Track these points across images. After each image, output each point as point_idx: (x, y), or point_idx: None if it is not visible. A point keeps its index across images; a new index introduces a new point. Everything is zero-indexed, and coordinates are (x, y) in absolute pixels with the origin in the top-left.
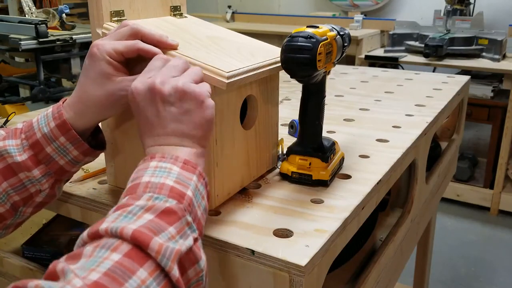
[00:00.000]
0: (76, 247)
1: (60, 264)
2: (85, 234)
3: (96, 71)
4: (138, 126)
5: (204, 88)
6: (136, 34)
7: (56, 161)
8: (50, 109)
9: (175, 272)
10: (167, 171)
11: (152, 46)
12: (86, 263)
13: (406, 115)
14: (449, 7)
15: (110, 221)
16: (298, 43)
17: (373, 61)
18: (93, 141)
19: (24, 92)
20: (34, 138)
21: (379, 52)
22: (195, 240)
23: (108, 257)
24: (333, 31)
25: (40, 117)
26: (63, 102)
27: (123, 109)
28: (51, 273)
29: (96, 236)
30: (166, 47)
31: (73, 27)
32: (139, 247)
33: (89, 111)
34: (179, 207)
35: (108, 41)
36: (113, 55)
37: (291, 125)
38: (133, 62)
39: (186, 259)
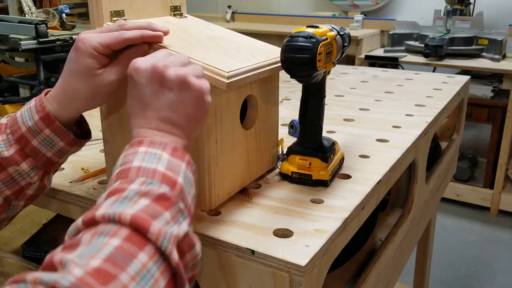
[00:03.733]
0: (69, 235)
1: (58, 254)
2: (79, 221)
3: (80, 65)
4: (129, 105)
5: (205, 85)
6: (123, 27)
7: (43, 153)
8: (32, 102)
9: (175, 255)
10: (157, 157)
11: (137, 31)
12: (85, 251)
13: (406, 115)
14: (449, 7)
15: (106, 207)
16: (298, 43)
17: (373, 61)
18: (78, 130)
19: (24, 92)
20: (19, 132)
21: (379, 52)
22: (188, 224)
23: (107, 243)
24: (333, 31)
25: (24, 111)
26: (45, 94)
27: (105, 101)
28: (49, 265)
29: (92, 223)
30: (154, 29)
31: (73, 27)
32: (139, 231)
33: (72, 103)
34: (172, 194)
35: (94, 34)
36: (99, 48)
37: (291, 125)
38: (119, 54)
39: (184, 244)
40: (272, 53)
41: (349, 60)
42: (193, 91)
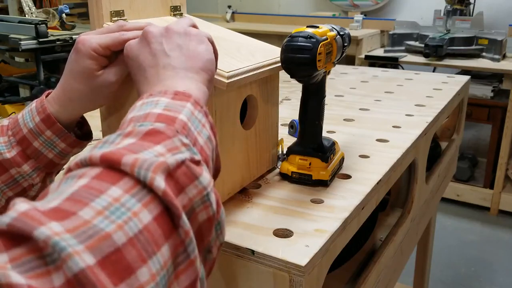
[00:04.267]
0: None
1: (18, 203)
2: (96, 154)
3: (80, 66)
4: (136, 87)
5: (202, 33)
6: (122, 28)
7: (44, 155)
8: (33, 104)
9: (159, 183)
10: (154, 103)
11: (137, 31)
12: (50, 197)
13: (406, 115)
14: (449, 7)
15: (81, 154)
16: (298, 43)
17: (373, 61)
18: (79, 132)
19: (24, 92)
20: (21, 134)
21: (379, 52)
22: (193, 160)
23: (73, 185)
24: (333, 31)
25: (25, 113)
26: (46, 96)
27: (107, 102)
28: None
29: (67, 173)
30: None
31: (73, 27)
32: (111, 167)
33: (73, 104)
34: (168, 128)
35: (93, 35)
36: (99, 50)
37: (291, 125)
38: (119, 55)
39: (180, 174)
40: (272, 53)
41: (349, 60)
42: (184, 34)
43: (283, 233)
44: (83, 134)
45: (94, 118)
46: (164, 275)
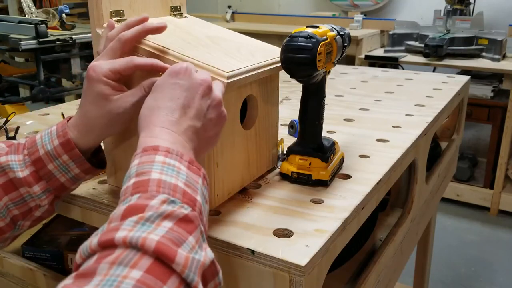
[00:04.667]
0: (81, 255)
1: (68, 285)
2: (94, 241)
3: (94, 93)
4: (155, 99)
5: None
6: (124, 44)
7: (57, 178)
8: (54, 127)
9: (200, 287)
10: (176, 170)
11: (148, 59)
12: (101, 284)
13: (406, 115)
14: (449, 7)
15: (127, 230)
16: (298, 43)
17: (373, 61)
18: (94, 159)
19: (24, 92)
20: (37, 155)
21: (379, 52)
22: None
23: (127, 275)
24: (333, 31)
25: (44, 134)
26: (67, 120)
27: (124, 127)
28: None
29: (109, 245)
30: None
31: (73, 27)
32: (163, 261)
33: (91, 132)
34: (194, 215)
35: (103, 60)
36: (110, 75)
37: (291, 125)
38: (131, 78)
39: (208, 272)
40: (272, 53)
41: (349, 60)
42: (222, 116)
43: (283, 233)
44: (97, 161)
45: None
46: None
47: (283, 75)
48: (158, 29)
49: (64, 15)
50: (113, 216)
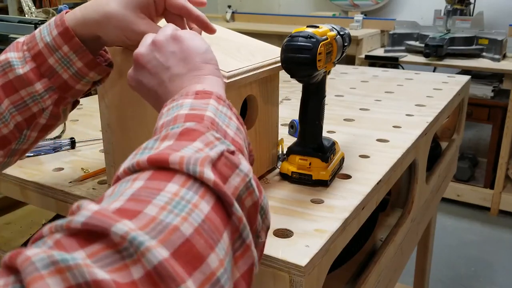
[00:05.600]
0: (126, 171)
1: (86, 204)
2: (144, 158)
3: None
4: (156, 109)
5: (188, 31)
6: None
7: (59, 74)
8: (52, 18)
9: (208, 175)
10: (179, 106)
11: (201, 13)
12: (108, 200)
13: (406, 115)
14: (449, 7)
15: (126, 162)
16: (298, 43)
17: (373, 61)
18: (104, 62)
19: None
20: (37, 49)
21: (379, 52)
22: (229, 151)
23: (130, 187)
24: (333, 31)
25: (43, 27)
26: (67, 11)
27: (124, 43)
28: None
29: (116, 181)
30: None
31: None
32: (161, 167)
33: (96, 21)
34: (200, 125)
35: None
36: None
37: (291, 125)
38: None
39: (222, 165)
40: (272, 53)
41: (349, 60)
42: (184, 34)
43: (283, 233)
44: (106, 64)
45: (94, 118)
46: (229, 260)
47: (283, 75)
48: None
49: None
50: (167, 133)
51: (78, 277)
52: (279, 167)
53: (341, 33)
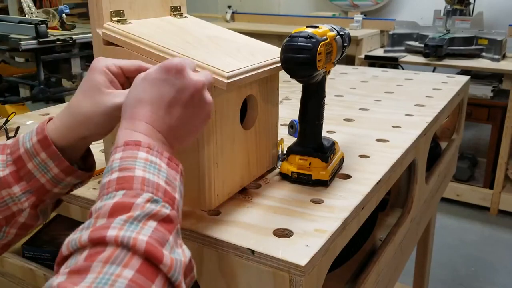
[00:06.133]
0: (69, 248)
1: (63, 283)
2: (84, 237)
3: (90, 82)
4: (143, 91)
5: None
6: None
7: (37, 178)
8: (36, 125)
9: (183, 285)
10: (157, 168)
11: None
12: (95, 282)
13: (406, 115)
14: (449, 7)
15: (117, 228)
16: (298, 43)
17: (373, 61)
18: (83, 165)
19: (24, 92)
20: (17, 154)
21: (379, 52)
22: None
23: (120, 274)
24: (333, 31)
25: (26, 133)
26: (49, 119)
27: (110, 128)
28: None
29: (100, 243)
30: None
31: (73, 27)
32: (151, 261)
33: (75, 124)
34: (174, 215)
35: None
36: (113, 68)
37: (291, 125)
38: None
39: (187, 269)
40: (272, 53)
41: (349, 60)
42: (207, 110)
43: (283, 233)
44: (86, 167)
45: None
46: None
47: (283, 75)
48: None
49: (64, 15)
50: (99, 212)
51: None
52: (279, 167)
53: (341, 33)
